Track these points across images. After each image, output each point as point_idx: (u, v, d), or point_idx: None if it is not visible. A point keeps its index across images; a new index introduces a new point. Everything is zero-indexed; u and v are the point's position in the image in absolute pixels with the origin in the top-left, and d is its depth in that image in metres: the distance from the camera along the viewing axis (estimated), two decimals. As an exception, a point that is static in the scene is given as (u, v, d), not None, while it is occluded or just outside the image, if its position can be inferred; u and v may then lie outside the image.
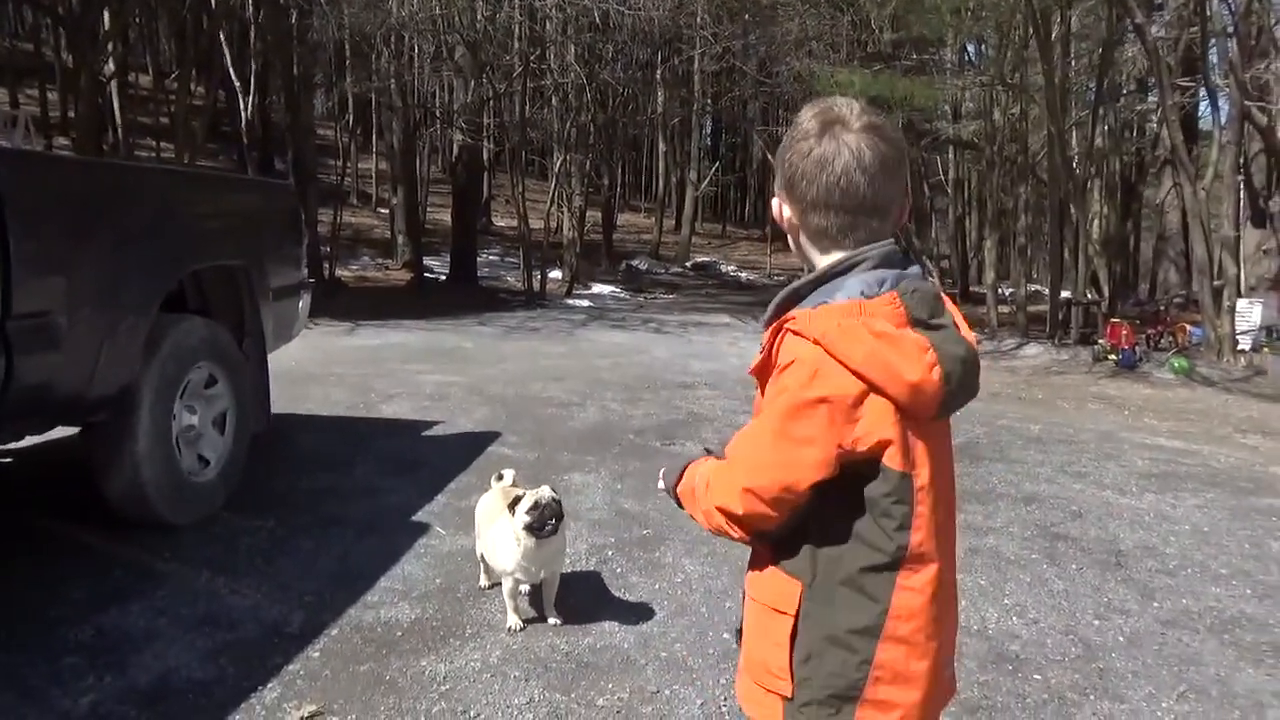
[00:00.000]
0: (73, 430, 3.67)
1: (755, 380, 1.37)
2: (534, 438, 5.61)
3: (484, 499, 3.28)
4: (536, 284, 17.35)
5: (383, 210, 23.33)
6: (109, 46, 15.28)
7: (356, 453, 5.02)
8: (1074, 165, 13.79)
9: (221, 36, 15.22)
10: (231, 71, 15.50)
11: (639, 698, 2.61)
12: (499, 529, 2.97)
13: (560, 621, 3.02)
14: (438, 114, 22.78)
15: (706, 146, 35.56)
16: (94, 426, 3.50)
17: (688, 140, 32.03)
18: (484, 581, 3.28)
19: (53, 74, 20.87)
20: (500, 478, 3.32)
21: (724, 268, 27.21)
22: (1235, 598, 3.53)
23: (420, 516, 4.05)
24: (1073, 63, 14.04)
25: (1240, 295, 11.48)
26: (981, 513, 4.45)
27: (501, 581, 3.02)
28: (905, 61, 15.59)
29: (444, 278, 18.17)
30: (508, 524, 2.90)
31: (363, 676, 2.67)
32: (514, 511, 2.86)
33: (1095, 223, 14.90)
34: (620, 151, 28.54)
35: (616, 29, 18.08)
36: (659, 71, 24.22)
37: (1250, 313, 11.27)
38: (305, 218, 5.73)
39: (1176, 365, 9.86)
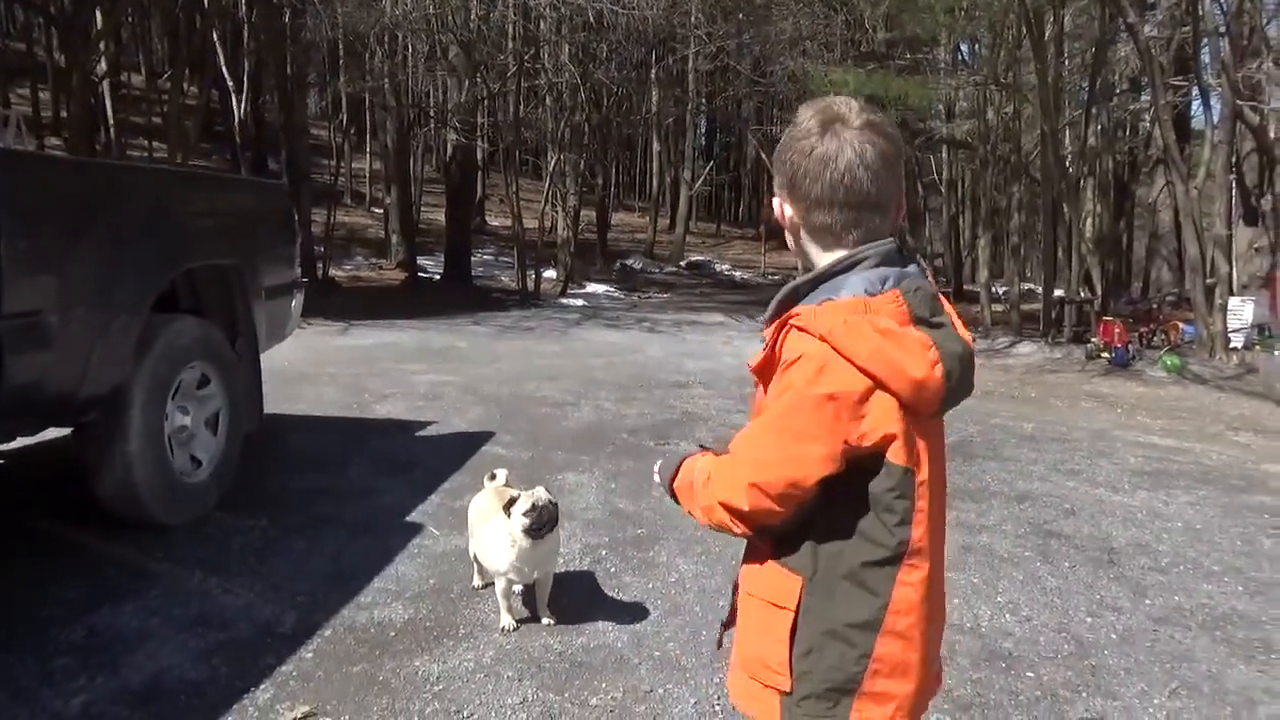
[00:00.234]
0: (65, 431, 3.66)
1: (755, 378, 1.37)
2: (528, 437, 5.60)
3: (477, 499, 3.28)
4: (531, 283, 17.34)
5: (377, 210, 23.27)
6: (101, 46, 15.21)
7: (350, 453, 5.01)
8: (1067, 164, 13.81)
9: (214, 36, 15.16)
10: (225, 71, 15.47)
11: (632, 697, 2.61)
12: (492, 529, 2.97)
13: (554, 621, 3.02)
14: (432, 113, 22.70)
15: (701, 146, 35.59)
16: (86, 427, 3.49)
17: (682, 139, 32.05)
18: (477, 581, 3.28)
19: (45, 73, 20.76)
20: (493, 477, 3.32)
21: (718, 267, 27.19)
22: (1227, 595, 3.55)
23: (414, 516, 4.05)
24: (1066, 62, 14.05)
25: (1232, 293, 11.54)
26: (975, 511, 4.46)
27: (495, 581, 3.02)
28: (899, 61, 15.61)
29: (438, 277, 18.14)
30: (501, 524, 2.89)
31: (356, 677, 2.67)
32: (510, 512, 2.86)
33: (1088, 221, 14.91)
34: (614, 151, 28.51)
35: (611, 28, 18.05)
36: (653, 71, 24.17)
37: (1242, 311, 11.33)
38: (298, 217, 5.73)
39: (1169, 363, 9.88)
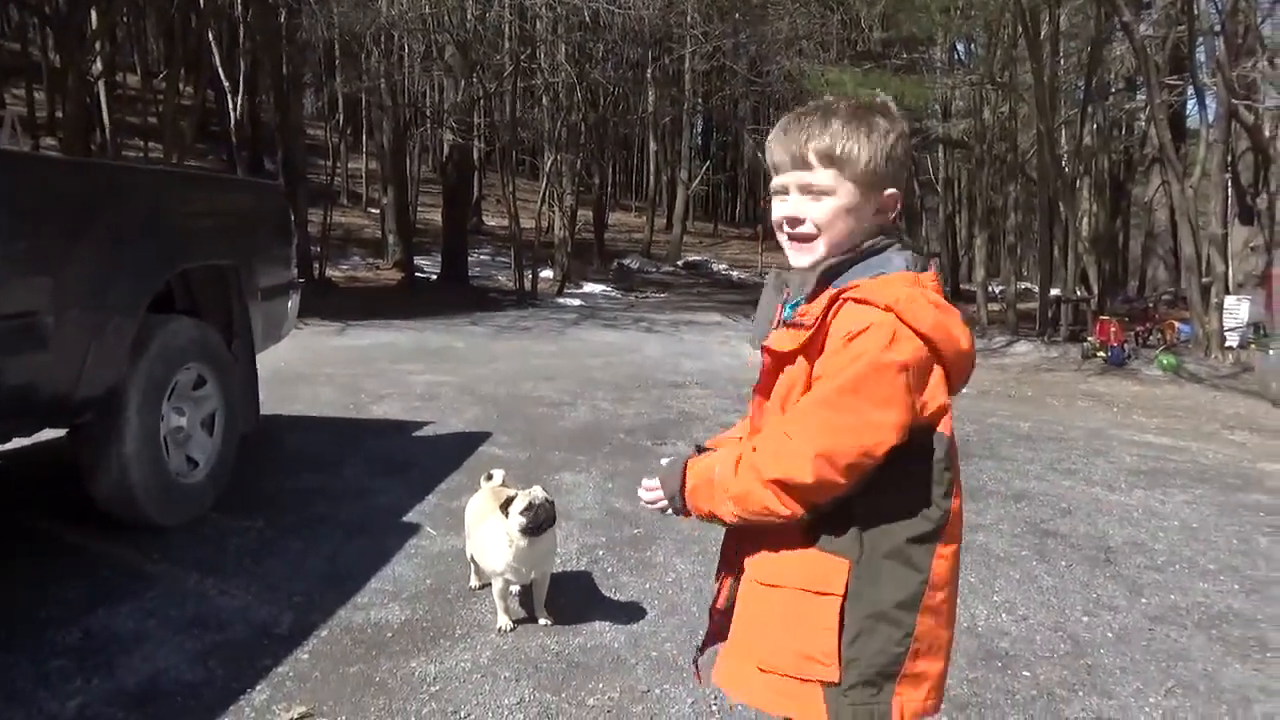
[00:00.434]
0: (61, 432, 3.65)
1: (767, 361, 1.36)
2: (525, 437, 5.60)
3: (474, 499, 3.27)
4: (528, 283, 17.33)
5: (373, 210, 23.24)
6: (96, 46, 15.17)
7: (346, 453, 5.01)
8: (1063, 163, 13.84)
9: (210, 36, 15.14)
10: (220, 71, 15.46)
11: (629, 697, 2.61)
12: (489, 529, 2.96)
13: (551, 621, 3.02)
14: (428, 113, 22.69)
15: (697, 145, 35.56)
16: (81, 428, 3.48)
17: (678, 139, 31.98)
18: (474, 582, 3.28)
19: (40, 73, 20.69)
20: (490, 478, 3.31)
21: (715, 266, 27.20)
22: (1223, 593, 3.55)
23: (410, 517, 4.04)
24: (1061, 61, 14.08)
25: (1228, 292, 11.57)
26: (971, 510, 4.46)
27: (491, 582, 3.01)
28: (895, 60, 15.65)
29: (435, 277, 18.12)
30: (498, 524, 2.88)
31: (352, 678, 2.66)
32: (507, 512, 2.85)
33: (1084, 220, 14.95)
34: (611, 150, 28.56)
35: (607, 28, 18.06)
36: (650, 70, 24.18)
37: (1238, 309, 11.35)
38: (295, 217, 5.71)
39: (1165, 362, 9.91)
